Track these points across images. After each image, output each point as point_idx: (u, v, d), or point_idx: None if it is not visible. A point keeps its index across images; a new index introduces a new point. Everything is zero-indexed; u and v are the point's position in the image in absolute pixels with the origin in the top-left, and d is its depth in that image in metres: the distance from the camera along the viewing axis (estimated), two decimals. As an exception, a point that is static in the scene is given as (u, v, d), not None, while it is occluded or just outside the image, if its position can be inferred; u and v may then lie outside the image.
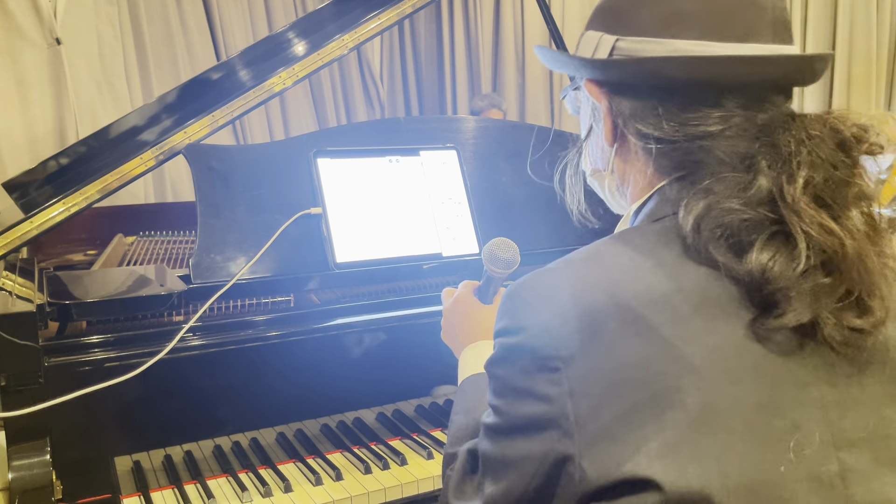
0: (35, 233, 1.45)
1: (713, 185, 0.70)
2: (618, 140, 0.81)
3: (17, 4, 2.52)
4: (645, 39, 0.75)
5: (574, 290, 0.69)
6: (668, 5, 0.74)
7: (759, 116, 0.73)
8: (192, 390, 1.37)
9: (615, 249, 0.73)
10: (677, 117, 0.74)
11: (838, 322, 0.66)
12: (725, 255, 0.67)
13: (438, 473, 1.38)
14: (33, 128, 2.61)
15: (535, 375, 0.68)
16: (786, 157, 0.68)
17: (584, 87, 0.83)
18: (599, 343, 0.66)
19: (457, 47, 3.69)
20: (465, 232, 1.66)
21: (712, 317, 0.67)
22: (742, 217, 0.67)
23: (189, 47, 2.98)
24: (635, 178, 0.81)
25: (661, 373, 0.64)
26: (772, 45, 0.73)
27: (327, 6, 1.78)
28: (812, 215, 0.66)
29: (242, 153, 1.60)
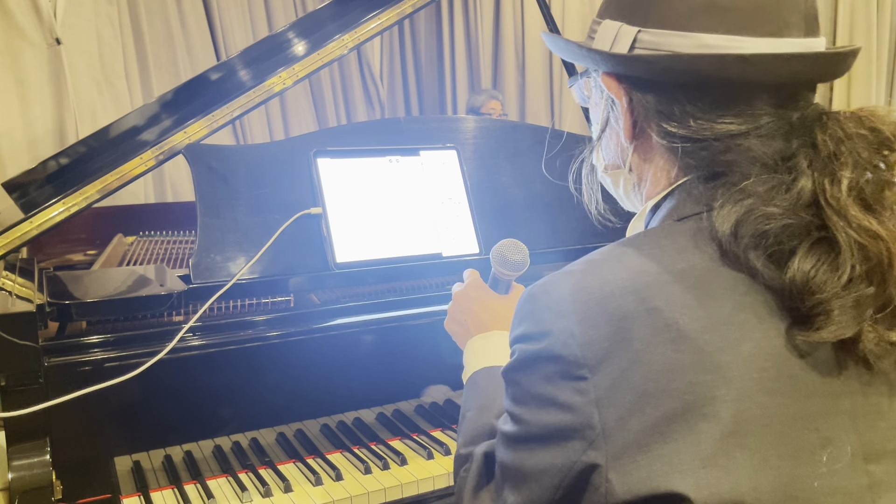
0: (35, 233, 1.45)
1: (753, 186, 0.66)
2: (638, 136, 0.77)
3: (17, 4, 2.52)
4: (671, 32, 0.70)
5: (601, 292, 0.66)
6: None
7: (793, 115, 0.69)
8: (192, 390, 1.37)
9: (642, 250, 0.69)
10: (706, 115, 0.70)
11: (878, 336, 0.64)
12: (765, 264, 0.64)
13: (438, 473, 1.38)
14: (33, 128, 2.61)
15: (560, 383, 0.65)
16: (826, 157, 0.65)
17: (600, 81, 0.78)
18: (629, 350, 0.63)
19: (457, 47, 3.69)
20: (465, 232, 1.66)
21: (747, 324, 0.64)
22: (784, 223, 0.64)
23: (189, 47, 2.98)
24: (655, 176, 0.77)
25: (694, 382, 0.62)
26: (804, 38, 0.69)
27: (327, 6, 1.78)
28: (858, 218, 0.63)
29: (242, 153, 1.60)
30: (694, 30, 0.69)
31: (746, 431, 0.61)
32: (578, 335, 0.64)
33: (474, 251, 1.65)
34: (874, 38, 4.21)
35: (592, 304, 0.65)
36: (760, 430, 0.61)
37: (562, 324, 0.65)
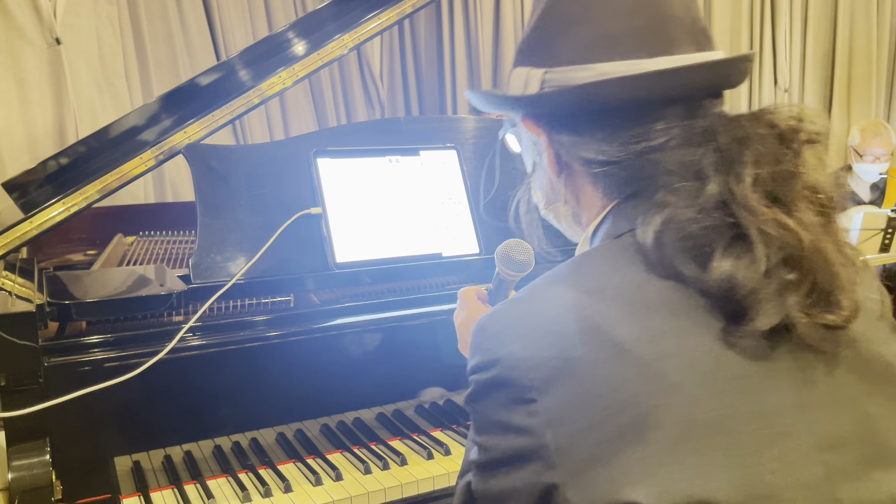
0: (35, 233, 1.45)
1: (666, 197, 0.69)
2: (564, 170, 0.81)
3: (17, 4, 2.51)
4: (572, 68, 0.75)
5: (544, 316, 0.69)
6: (590, 31, 0.74)
7: (698, 123, 0.73)
8: (192, 390, 1.37)
9: (579, 272, 0.72)
10: (618, 138, 0.74)
11: (810, 320, 0.65)
12: (690, 268, 0.66)
13: (438, 473, 1.38)
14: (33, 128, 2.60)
15: (513, 408, 0.67)
16: (730, 158, 0.68)
17: (521, 124, 0.83)
18: (574, 369, 0.65)
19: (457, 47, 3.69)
20: (465, 232, 1.66)
21: (684, 330, 0.66)
22: (700, 225, 0.67)
23: (189, 47, 2.98)
24: (588, 202, 0.81)
25: (638, 394, 0.63)
26: (696, 53, 0.74)
27: (327, 6, 1.78)
28: (765, 212, 0.66)
29: (242, 153, 1.60)
30: (592, 61, 0.73)
31: (694, 435, 0.63)
32: (525, 359, 0.67)
33: (474, 251, 1.65)
34: (874, 38, 4.21)
35: (536, 329, 0.68)
36: (709, 433, 0.63)
37: (508, 350, 0.68)
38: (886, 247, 3.02)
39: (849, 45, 4.23)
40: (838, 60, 4.24)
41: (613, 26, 0.73)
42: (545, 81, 0.77)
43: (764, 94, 4.19)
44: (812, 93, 4.30)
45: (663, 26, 0.73)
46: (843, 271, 0.67)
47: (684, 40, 0.73)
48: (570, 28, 0.75)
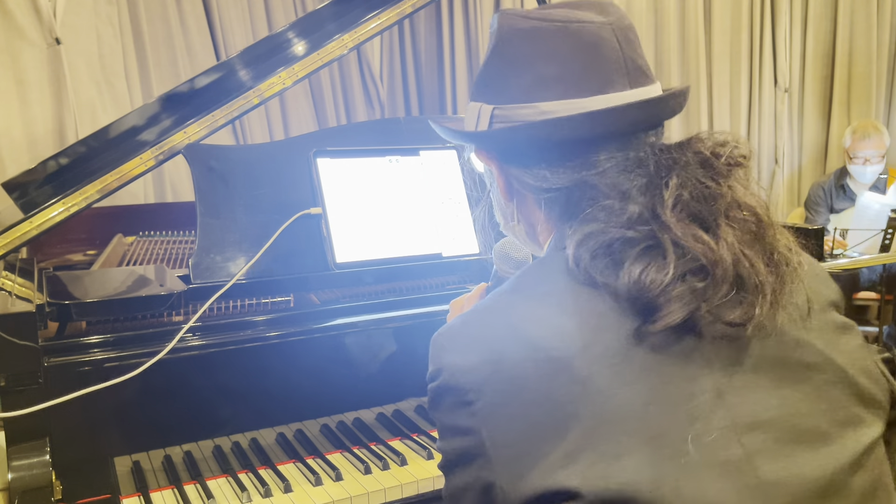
0: (35, 233, 1.45)
1: (592, 213, 0.77)
2: (514, 196, 0.89)
3: (17, 4, 2.51)
4: (517, 105, 0.82)
5: (479, 326, 0.77)
6: (533, 72, 0.81)
7: (632, 154, 0.79)
8: (192, 390, 1.37)
9: (512, 291, 0.80)
10: (561, 168, 0.81)
11: (715, 318, 0.71)
12: (603, 274, 0.73)
13: (438, 473, 1.38)
14: (33, 128, 2.60)
15: (457, 411, 0.74)
16: (656, 183, 0.75)
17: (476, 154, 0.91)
18: (502, 370, 0.71)
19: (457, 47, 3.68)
20: (465, 232, 1.66)
21: (597, 329, 0.72)
22: (615, 236, 0.73)
23: (189, 47, 2.97)
24: (539, 226, 0.88)
25: (555, 388, 0.69)
26: (630, 90, 0.80)
27: (327, 6, 1.77)
28: (682, 227, 0.72)
29: (242, 153, 1.60)
30: (534, 100, 0.81)
31: (608, 424, 0.68)
32: (463, 365, 0.74)
33: (474, 251, 1.65)
34: (874, 38, 4.20)
35: (472, 337, 0.76)
36: (621, 421, 0.68)
37: (450, 358, 0.75)
38: (886, 247, 3.02)
39: (849, 45, 4.23)
40: (838, 60, 4.23)
41: (553, 69, 0.80)
42: (494, 117, 0.84)
43: (764, 94, 4.18)
44: (812, 93, 4.30)
45: (598, 67, 0.80)
46: (767, 279, 0.73)
47: (619, 80, 0.80)
48: (515, 69, 0.83)
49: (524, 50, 0.82)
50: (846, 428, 0.75)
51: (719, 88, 4.08)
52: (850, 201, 3.75)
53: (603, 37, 0.80)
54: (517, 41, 0.83)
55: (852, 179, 3.73)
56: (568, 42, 0.80)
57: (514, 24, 0.83)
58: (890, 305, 3.37)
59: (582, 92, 0.80)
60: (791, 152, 4.32)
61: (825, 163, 4.31)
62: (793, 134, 4.30)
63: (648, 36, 3.96)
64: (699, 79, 4.00)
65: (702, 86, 4.02)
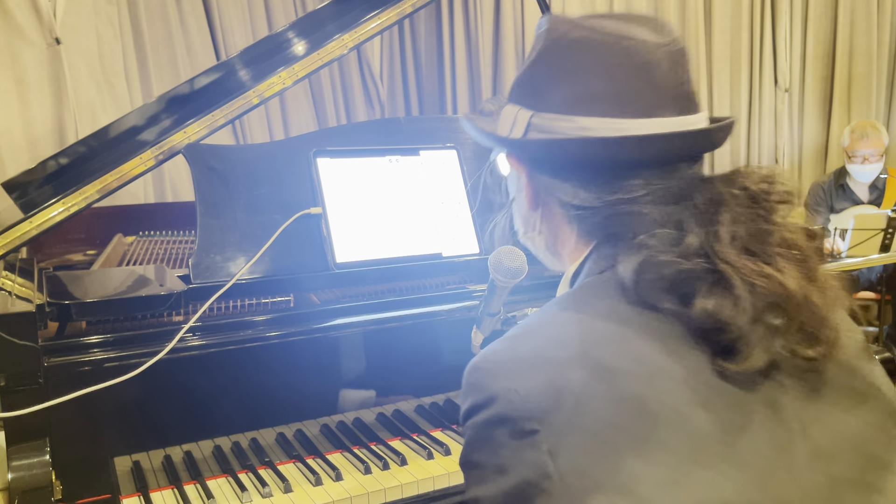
0: (35, 233, 1.45)
1: (646, 240, 0.72)
2: (540, 206, 0.85)
3: (17, 4, 2.51)
4: (557, 116, 0.78)
5: (534, 349, 0.70)
6: (578, 85, 0.77)
7: (673, 184, 0.76)
8: (192, 390, 1.37)
9: (564, 309, 0.75)
10: (595, 188, 0.77)
11: (793, 355, 0.69)
12: (670, 302, 0.69)
13: (438, 473, 1.38)
14: (33, 128, 2.60)
15: (514, 444, 0.67)
16: (707, 218, 0.72)
17: (506, 158, 0.88)
18: (570, 395, 0.66)
19: (457, 47, 3.68)
20: (464, 232, 1.66)
21: (675, 354, 0.68)
22: (679, 268, 0.69)
23: (189, 47, 2.97)
24: (564, 239, 0.84)
25: (635, 414, 0.65)
26: (675, 117, 0.76)
27: (327, 6, 1.77)
28: (747, 265, 0.69)
29: (242, 153, 1.60)
30: (576, 114, 0.77)
31: (696, 451, 0.64)
32: (520, 391, 0.67)
33: (474, 251, 1.65)
34: (874, 38, 4.20)
35: (528, 361, 0.69)
36: (707, 447, 0.65)
37: (503, 385, 0.68)
38: (886, 247, 3.02)
39: (849, 45, 4.23)
40: (838, 60, 4.23)
41: (599, 85, 0.76)
42: (531, 125, 0.80)
43: (764, 94, 4.18)
44: (812, 93, 4.30)
45: (646, 90, 0.76)
46: (828, 313, 0.71)
47: (666, 104, 0.76)
48: (560, 79, 0.79)
49: (571, 60, 0.78)
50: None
51: (719, 88, 4.09)
52: (849, 201, 3.75)
53: (655, 59, 0.76)
54: (565, 50, 0.79)
55: (852, 179, 3.73)
56: (618, 59, 0.76)
57: (565, 32, 0.79)
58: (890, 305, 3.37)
59: (626, 113, 0.76)
60: (791, 152, 4.32)
61: (825, 163, 4.31)
62: (793, 134, 4.30)
63: (648, 36, 3.96)
64: (699, 79, 4.00)
65: (702, 86, 4.02)
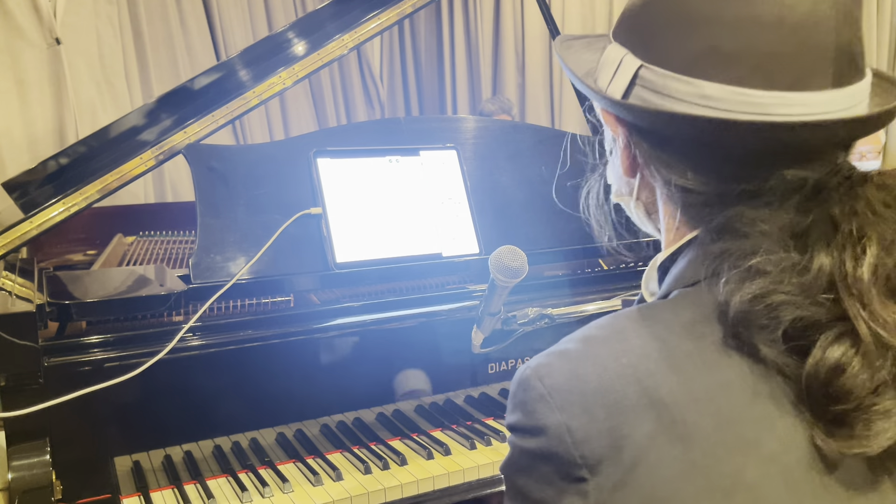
0: (35, 233, 1.45)
1: (762, 264, 0.57)
2: (638, 173, 0.71)
3: (17, 4, 2.52)
4: (672, 75, 0.62)
5: (599, 381, 0.59)
6: (706, 39, 0.60)
7: (809, 177, 0.60)
8: (192, 390, 1.37)
9: (643, 329, 0.62)
10: (704, 171, 0.63)
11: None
12: (780, 354, 0.56)
13: (438, 473, 1.38)
14: (33, 128, 2.60)
15: (558, 485, 0.58)
16: (847, 235, 0.56)
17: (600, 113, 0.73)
18: (632, 448, 0.56)
19: (457, 47, 3.69)
20: (465, 232, 1.66)
21: (767, 419, 0.56)
22: (799, 313, 0.56)
23: (189, 47, 2.98)
24: (663, 215, 0.70)
25: (709, 488, 0.55)
26: (831, 90, 0.59)
27: (327, 6, 1.78)
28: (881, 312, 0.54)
29: (242, 153, 1.59)
30: (696, 75, 0.61)
31: None
32: (575, 431, 0.58)
33: (474, 251, 1.65)
34: (874, 39, 4.21)
35: (589, 395, 0.58)
36: None
37: (556, 418, 0.58)
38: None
39: (849, 45, 4.23)
40: (838, 60, 4.24)
41: (736, 42, 0.59)
42: (637, 77, 0.65)
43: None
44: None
45: (799, 54, 0.59)
46: None
47: (821, 73, 0.59)
48: (685, 27, 0.62)
49: (707, 6, 0.61)
50: None
51: (719, 88, 4.08)
52: None
53: (817, 17, 0.58)
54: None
55: None
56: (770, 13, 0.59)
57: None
58: (890, 305, 3.38)
59: (765, 82, 0.58)
60: (791, 152, 4.32)
61: (825, 163, 4.31)
62: (793, 134, 4.30)
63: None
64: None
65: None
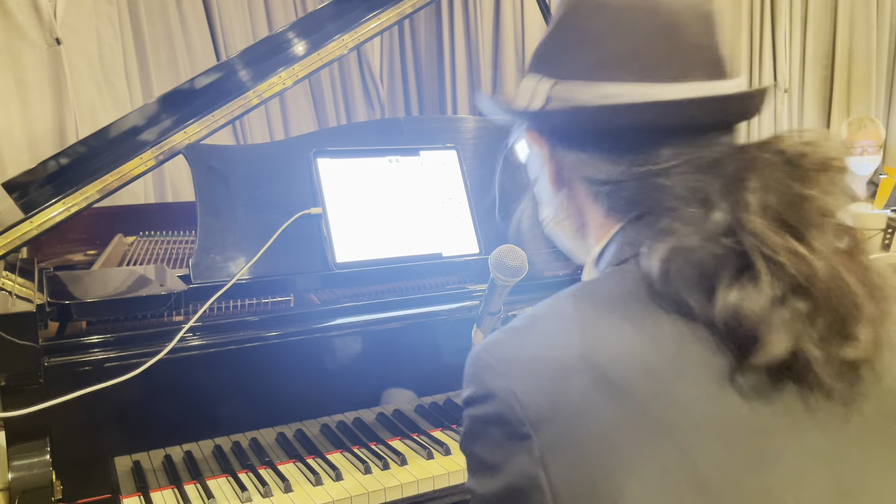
0: (35, 233, 1.45)
1: (671, 223, 0.67)
2: (564, 185, 0.79)
3: (17, 4, 2.51)
4: (579, 84, 0.73)
5: (540, 349, 0.66)
6: (601, 49, 0.72)
7: (705, 153, 0.71)
8: (192, 390, 1.37)
9: (580, 303, 0.69)
10: (621, 159, 0.72)
11: (827, 356, 0.61)
12: (697, 299, 0.63)
13: (438, 473, 1.38)
14: (33, 128, 2.60)
15: (507, 446, 0.64)
16: (738, 186, 0.66)
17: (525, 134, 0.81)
18: (569, 405, 0.62)
19: (457, 47, 3.68)
20: (465, 232, 1.66)
21: (690, 369, 0.63)
22: (706, 253, 0.64)
23: (189, 47, 2.97)
24: (590, 220, 0.78)
25: (638, 434, 0.61)
26: (707, 82, 0.71)
27: (327, 6, 1.78)
28: (774, 239, 0.62)
29: (242, 153, 1.60)
30: (598, 80, 0.72)
31: (697, 480, 0.60)
32: (520, 393, 0.63)
33: (474, 251, 1.65)
34: (874, 38, 4.20)
35: (532, 362, 0.65)
36: (712, 479, 0.60)
37: (503, 383, 0.65)
38: (887, 246, 3.02)
39: (849, 45, 4.23)
40: (838, 60, 4.23)
41: (623, 48, 0.72)
42: (551, 94, 0.75)
43: (764, 95, 4.18)
44: (812, 93, 4.30)
45: (674, 53, 0.71)
46: (866, 302, 0.63)
47: (696, 69, 0.71)
48: (582, 44, 0.74)
49: (593, 23, 0.73)
50: None
51: (719, 88, 4.08)
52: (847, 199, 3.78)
53: (683, 19, 0.71)
54: (587, 13, 0.74)
55: (850, 175, 3.76)
56: (644, 20, 0.72)
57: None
58: (890, 305, 3.38)
59: (653, 77, 0.70)
60: (791, 152, 4.31)
61: (825, 163, 4.30)
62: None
63: (648, 36, 3.95)
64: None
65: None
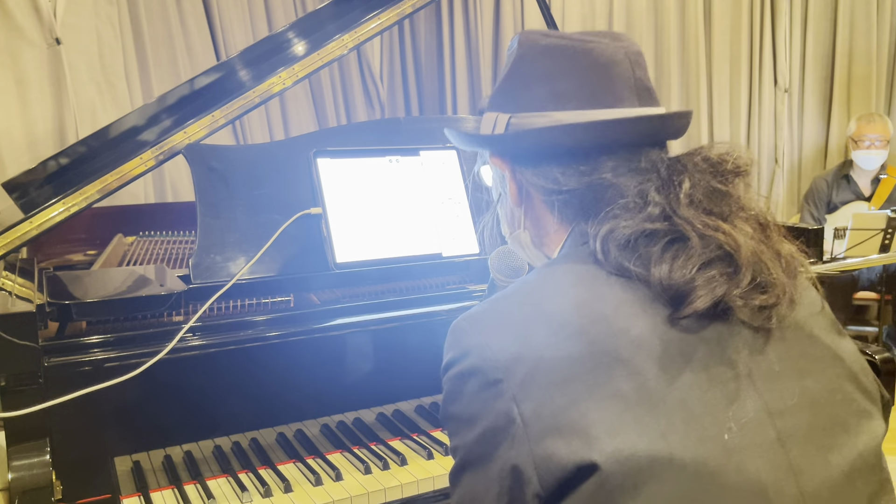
0: (35, 233, 1.45)
1: (613, 210, 0.81)
2: (524, 200, 0.93)
3: (17, 4, 2.51)
4: (533, 114, 0.88)
5: (506, 310, 0.79)
6: (548, 86, 0.88)
7: (642, 163, 0.85)
8: (192, 390, 1.37)
9: (539, 276, 0.84)
10: (571, 170, 0.86)
11: (746, 302, 0.75)
12: (635, 264, 0.77)
13: (438, 473, 1.38)
14: (33, 128, 2.60)
15: (483, 394, 0.75)
16: (669, 185, 0.81)
17: (489, 160, 0.95)
18: (533, 349, 0.74)
19: (457, 47, 3.68)
20: (465, 232, 1.66)
21: (633, 314, 0.75)
22: (640, 230, 0.78)
23: (189, 47, 2.97)
24: (547, 228, 0.92)
25: (593, 367, 0.72)
26: (638, 108, 0.87)
27: (327, 6, 1.78)
28: (704, 220, 0.77)
29: (242, 153, 1.60)
30: (549, 110, 0.88)
31: (649, 401, 0.71)
32: (491, 345, 0.75)
33: (474, 251, 1.65)
34: (874, 38, 4.20)
35: (499, 319, 0.78)
36: (662, 399, 0.71)
37: (476, 339, 0.77)
38: (886, 247, 3.03)
39: (849, 45, 4.23)
40: (838, 60, 4.23)
41: (568, 84, 0.87)
42: (510, 125, 0.90)
43: (764, 94, 4.18)
44: (812, 93, 4.30)
45: (610, 85, 0.87)
46: (779, 272, 0.78)
47: (628, 97, 0.87)
48: (533, 82, 0.89)
49: (542, 65, 0.89)
50: (862, 419, 0.80)
51: (719, 89, 4.08)
52: (852, 194, 3.79)
53: (616, 58, 0.87)
54: (536, 57, 0.89)
55: (856, 170, 3.78)
56: (583, 60, 0.87)
57: (535, 42, 0.90)
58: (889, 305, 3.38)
59: (594, 104, 0.86)
60: (791, 153, 4.32)
61: (825, 163, 4.31)
62: (793, 134, 4.30)
63: (648, 37, 3.95)
64: (699, 79, 4.00)
65: (702, 86, 4.02)
